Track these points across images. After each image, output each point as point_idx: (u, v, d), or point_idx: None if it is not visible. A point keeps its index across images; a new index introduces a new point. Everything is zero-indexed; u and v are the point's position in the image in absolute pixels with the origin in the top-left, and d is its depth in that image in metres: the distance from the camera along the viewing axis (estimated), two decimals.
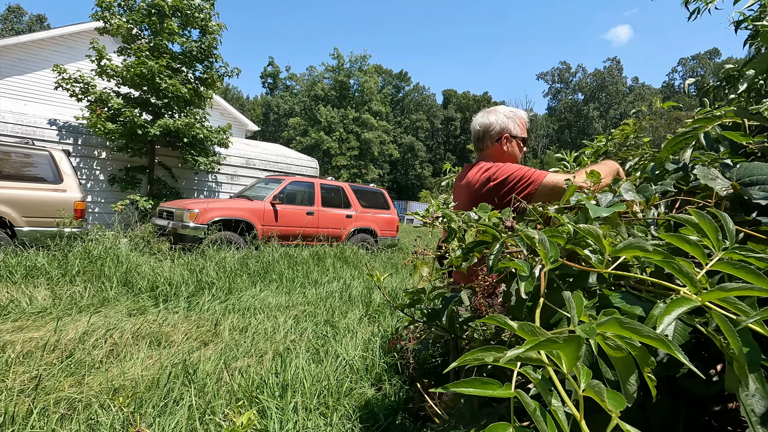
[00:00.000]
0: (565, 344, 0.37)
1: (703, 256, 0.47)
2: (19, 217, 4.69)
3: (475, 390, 0.39)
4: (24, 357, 2.26)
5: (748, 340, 0.38)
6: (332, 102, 34.44)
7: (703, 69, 48.35)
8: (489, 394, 0.39)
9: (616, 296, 0.50)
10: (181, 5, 7.51)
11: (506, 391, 0.39)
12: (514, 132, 1.54)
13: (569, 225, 0.58)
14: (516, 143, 1.55)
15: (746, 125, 0.69)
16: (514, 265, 0.56)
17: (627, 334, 0.39)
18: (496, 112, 1.57)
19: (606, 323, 0.40)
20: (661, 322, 0.40)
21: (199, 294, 3.83)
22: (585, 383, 0.36)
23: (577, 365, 0.37)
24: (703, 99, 1.77)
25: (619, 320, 0.39)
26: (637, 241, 0.49)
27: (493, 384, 0.39)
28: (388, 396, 2.14)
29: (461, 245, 0.76)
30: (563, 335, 0.37)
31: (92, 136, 7.56)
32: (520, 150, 1.57)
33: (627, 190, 0.70)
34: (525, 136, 1.57)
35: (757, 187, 0.59)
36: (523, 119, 1.58)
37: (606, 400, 0.34)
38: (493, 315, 0.48)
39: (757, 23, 1.55)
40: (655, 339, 0.37)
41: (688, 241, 0.48)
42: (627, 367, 0.41)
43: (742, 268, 0.42)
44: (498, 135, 1.54)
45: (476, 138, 1.61)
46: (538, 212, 0.81)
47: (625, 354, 0.40)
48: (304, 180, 7.67)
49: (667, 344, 0.37)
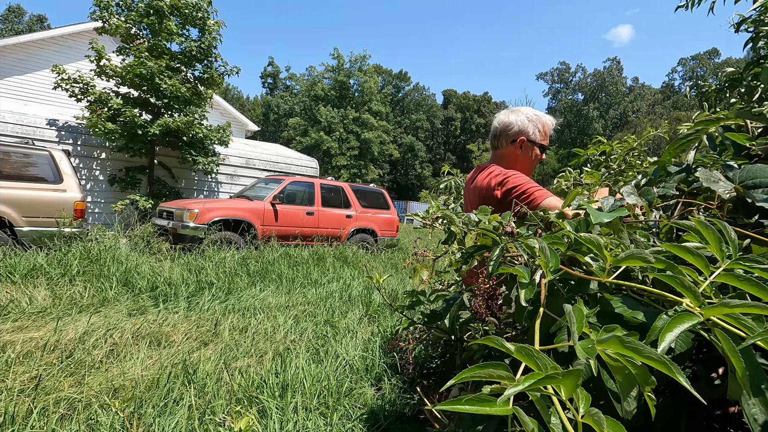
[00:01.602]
0: (564, 379, 0.36)
1: (705, 266, 0.46)
2: (19, 217, 4.69)
3: (471, 408, 0.38)
4: (24, 357, 2.26)
5: (752, 361, 0.37)
6: (332, 102, 34.43)
7: (702, 69, 48.36)
8: (486, 412, 0.38)
9: (617, 301, 0.50)
10: (180, 4, 7.50)
11: (504, 408, 0.38)
12: (532, 136, 1.48)
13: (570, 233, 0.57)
14: (533, 148, 1.49)
15: (749, 127, 0.69)
16: (515, 271, 0.55)
17: (628, 353, 0.38)
18: (519, 112, 1.52)
19: (607, 341, 0.39)
20: (663, 339, 0.40)
21: (199, 294, 3.83)
22: (584, 409, 0.35)
23: (577, 391, 0.36)
24: (703, 103, 1.77)
25: (621, 339, 0.39)
26: (639, 252, 0.48)
27: (491, 401, 0.38)
28: (388, 396, 2.14)
29: (461, 248, 0.76)
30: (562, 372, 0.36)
31: (92, 136, 7.55)
32: (537, 157, 1.51)
33: (629, 194, 0.70)
34: (545, 143, 1.51)
35: (760, 190, 0.58)
36: (546, 125, 1.52)
37: (605, 429, 0.34)
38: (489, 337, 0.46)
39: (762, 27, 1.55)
40: (657, 361, 0.37)
41: (689, 251, 0.47)
42: (628, 380, 0.40)
43: (746, 280, 0.41)
44: (515, 136, 1.49)
45: (493, 135, 1.56)
46: (539, 217, 0.81)
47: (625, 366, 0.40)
48: (304, 180, 7.67)
49: (669, 367, 0.36)
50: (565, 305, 0.47)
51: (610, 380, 0.44)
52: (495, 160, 1.55)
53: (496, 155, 1.55)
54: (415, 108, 47.25)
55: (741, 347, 0.37)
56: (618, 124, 47.52)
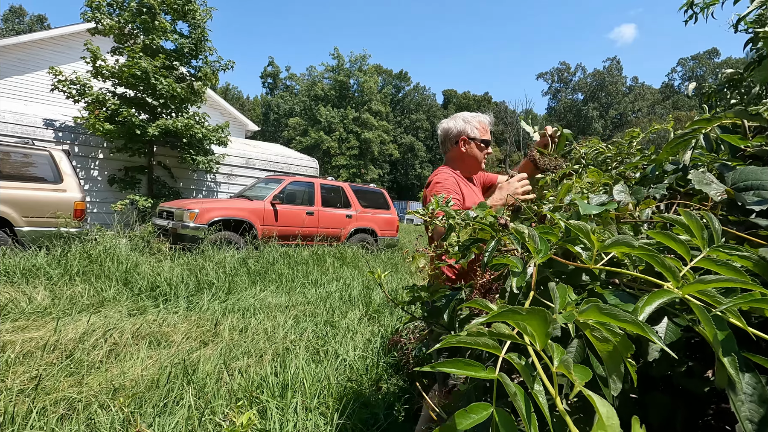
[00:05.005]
0: (528, 316, 0.39)
1: (687, 252, 0.49)
2: (19, 217, 4.69)
3: (457, 370, 0.40)
4: (24, 357, 2.26)
5: (723, 327, 0.40)
6: (332, 102, 34.43)
7: (702, 69, 48.37)
8: (471, 374, 0.40)
9: (609, 294, 0.51)
10: (170, 0, 7.50)
11: (489, 373, 0.40)
12: (471, 134, 1.67)
13: (561, 222, 0.59)
14: (475, 144, 1.67)
15: (746, 126, 0.70)
16: (507, 261, 0.57)
17: (606, 319, 0.41)
18: (456, 117, 1.73)
19: (586, 310, 0.42)
20: (642, 311, 0.43)
21: (198, 294, 3.83)
22: (558, 360, 0.38)
23: (550, 343, 0.39)
24: (704, 105, 1.78)
25: (598, 306, 0.41)
26: (624, 238, 0.51)
27: (477, 366, 0.41)
28: (388, 396, 2.14)
29: (458, 242, 0.78)
30: (526, 308, 0.40)
31: (92, 137, 7.56)
32: (481, 150, 1.69)
33: (619, 192, 0.72)
34: (484, 137, 1.69)
35: (751, 193, 0.59)
36: (482, 122, 1.70)
37: (572, 372, 0.37)
38: (476, 299, 0.50)
39: (758, 29, 1.56)
40: (631, 323, 0.39)
41: (673, 238, 0.50)
42: (614, 360, 0.43)
43: (723, 265, 0.45)
44: (456, 138, 1.68)
45: (440, 143, 1.78)
46: (532, 211, 0.83)
47: (612, 347, 0.42)
48: (304, 180, 7.67)
49: (642, 328, 0.39)
50: (549, 284, 0.50)
51: (600, 367, 0.46)
52: (447, 162, 1.74)
53: (447, 159, 1.75)
54: (415, 108, 47.25)
55: (711, 314, 0.41)
56: (618, 124, 47.54)
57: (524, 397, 0.38)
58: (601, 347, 0.43)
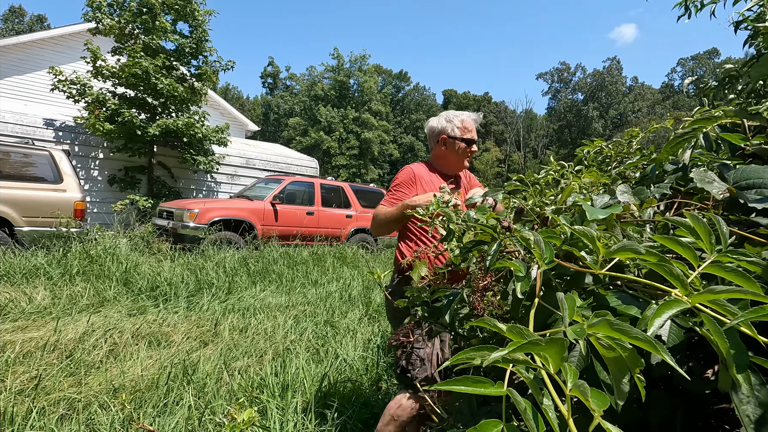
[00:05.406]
0: (547, 346, 0.38)
1: (694, 258, 0.47)
2: (19, 217, 4.69)
3: (466, 388, 0.39)
4: (24, 357, 2.26)
5: (736, 342, 0.39)
6: (332, 102, 34.41)
7: (702, 69, 48.33)
8: (480, 392, 0.39)
9: (612, 296, 0.51)
10: (170, 1, 7.50)
11: (498, 389, 0.39)
12: (452, 134, 1.71)
13: (565, 226, 0.58)
14: (456, 143, 1.71)
15: (746, 126, 0.69)
16: (511, 265, 0.56)
17: (617, 335, 0.39)
18: (439, 117, 1.79)
19: (596, 324, 0.41)
20: (651, 324, 0.41)
21: (198, 294, 3.83)
22: (572, 383, 0.36)
23: (564, 365, 0.38)
24: (703, 98, 1.77)
25: (609, 321, 0.40)
26: (630, 244, 0.49)
27: (486, 382, 0.40)
28: (388, 396, 2.14)
29: (459, 245, 0.77)
30: (545, 338, 0.38)
31: (92, 137, 7.55)
32: (464, 149, 1.72)
33: (623, 192, 0.71)
34: (466, 136, 1.72)
35: (753, 191, 0.59)
36: (465, 121, 1.74)
37: (590, 399, 0.35)
38: (483, 318, 0.49)
39: (758, 24, 1.55)
40: (643, 341, 0.38)
41: (680, 243, 0.48)
42: (620, 368, 0.41)
43: (732, 271, 0.43)
44: (437, 136, 1.75)
45: (427, 140, 1.86)
46: (535, 213, 0.83)
47: (617, 354, 0.41)
48: (304, 180, 7.67)
49: (654, 346, 0.37)
50: (557, 293, 0.48)
51: (603, 372, 0.45)
52: (431, 159, 1.82)
53: (431, 155, 1.84)
54: (415, 108, 47.23)
55: (724, 328, 0.39)
56: (618, 124, 47.49)
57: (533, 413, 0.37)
58: (606, 353, 0.42)
